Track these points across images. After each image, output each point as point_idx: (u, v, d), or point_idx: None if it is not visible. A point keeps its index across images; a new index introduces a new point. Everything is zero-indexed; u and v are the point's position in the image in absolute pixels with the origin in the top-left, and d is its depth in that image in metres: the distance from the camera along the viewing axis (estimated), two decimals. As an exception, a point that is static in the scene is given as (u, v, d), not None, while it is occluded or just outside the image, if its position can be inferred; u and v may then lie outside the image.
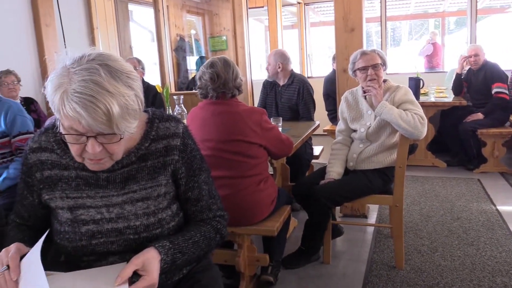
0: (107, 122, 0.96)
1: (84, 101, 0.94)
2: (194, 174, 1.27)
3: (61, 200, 1.18)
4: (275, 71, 3.59)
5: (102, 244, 1.17)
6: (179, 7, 6.59)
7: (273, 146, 2.20)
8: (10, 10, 3.79)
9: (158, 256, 1.10)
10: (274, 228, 2.16)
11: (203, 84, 2.15)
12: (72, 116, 0.96)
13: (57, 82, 0.98)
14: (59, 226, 1.20)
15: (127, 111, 1.00)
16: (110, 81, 0.98)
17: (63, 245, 1.18)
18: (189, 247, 1.20)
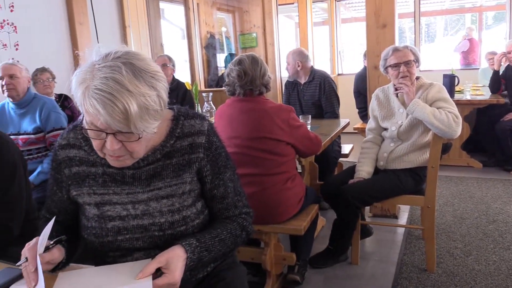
0: (124, 121, 0.96)
1: (103, 98, 0.94)
2: (219, 171, 1.26)
3: (88, 196, 1.20)
4: (295, 70, 3.57)
5: (128, 240, 1.18)
6: (209, 5, 6.62)
7: (301, 144, 2.18)
8: (46, 9, 3.90)
9: (184, 255, 1.09)
10: (301, 227, 2.13)
11: (231, 81, 2.15)
12: (92, 112, 0.96)
13: (81, 77, 0.99)
14: (87, 222, 1.21)
15: (146, 111, 0.99)
16: (132, 80, 0.97)
17: (90, 240, 1.20)
18: (216, 245, 1.19)
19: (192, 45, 5.82)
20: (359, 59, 6.29)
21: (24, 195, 1.74)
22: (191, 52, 5.85)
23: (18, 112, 2.82)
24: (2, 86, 2.75)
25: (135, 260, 1.16)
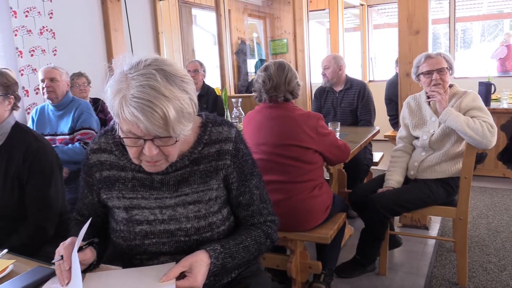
0: (164, 125, 0.98)
1: (142, 105, 0.96)
2: (246, 178, 1.27)
3: (118, 200, 1.23)
4: (336, 74, 3.54)
5: (154, 244, 1.20)
6: (240, 11, 6.68)
7: (329, 152, 2.16)
8: (83, 16, 4.03)
9: (208, 260, 1.11)
10: (328, 235, 2.11)
11: (257, 87, 2.17)
12: (131, 120, 0.98)
13: (116, 88, 1.01)
14: (115, 225, 1.24)
15: (182, 114, 1.02)
16: (166, 85, 1.00)
17: (119, 243, 1.23)
18: (240, 252, 1.20)
19: (223, 51, 5.88)
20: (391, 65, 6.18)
21: (60, 196, 1.80)
22: (222, 58, 5.91)
23: (56, 114, 2.94)
24: (43, 88, 2.89)
25: (161, 263, 1.18)
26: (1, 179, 1.71)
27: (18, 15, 3.39)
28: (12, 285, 1.10)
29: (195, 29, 6.26)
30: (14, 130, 1.79)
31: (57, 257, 1.08)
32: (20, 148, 1.73)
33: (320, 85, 3.77)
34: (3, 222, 1.72)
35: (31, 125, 2.98)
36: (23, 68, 3.45)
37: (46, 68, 2.99)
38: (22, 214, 1.72)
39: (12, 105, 1.80)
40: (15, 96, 1.80)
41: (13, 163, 1.71)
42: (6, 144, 1.75)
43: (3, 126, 1.75)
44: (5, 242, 1.59)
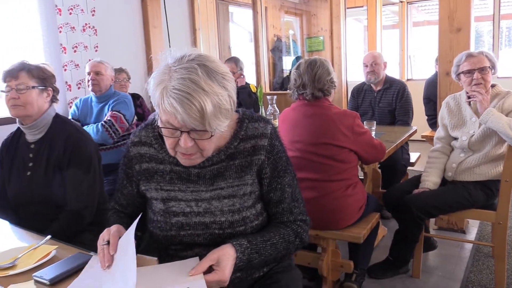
0: (200, 119, 1.01)
1: (181, 97, 1.00)
2: (278, 175, 1.27)
3: (156, 191, 1.26)
4: (382, 71, 3.49)
5: (189, 236, 1.23)
6: (277, 8, 6.67)
7: (364, 151, 2.14)
8: (124, 13, 4.14)
9: (234, 254, 1.12)
10: (361, 235, 2.09)
11: (291, 84, 2.18)
12: (170, 111, 1.02)
13: (158, 79, 1.06)
14: (153, 216, 1.28)
15: (219, 110, 1.04)
16: (206, 80, 1.02)
17: (155, 233, 1.27)
18: (267, 248, 1.20)
19: (259, 48, 5.90)
20: (430, 64, 6.02)
21: (97, 186, 1.87)
22: (258, 55, 5.93)
23: (98, 106, 3.06)
24: (88, 81, 3.01)
25: (196, 254, 1.21)
26: (43, 168, 1.81)
27: (62, 13, 3.52)
28: (55, 269, 1.16)
29: (232, 26, 6.30)
30: (55, 121, 1.88)
31: (104, 242, 1.13)
32: (60, 138, 1.82)
33: (358, 84, 3.72)
34: (45, 209, 1.81)
35: (75, 111, 3.11)
36: (67, 64, 3.58)
37: (93, 62, 3.12)
38: (62, 202, 1.81)
39: (51, 97, 1.88)
40: (53, 88, 1.88)
41: (54, 153, 1.81)
42: (47, 135, 1.85)
43: (44, 117, 1.84)
44: (47, 228, 1.67)
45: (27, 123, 1.83)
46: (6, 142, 1.95)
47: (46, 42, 3.52)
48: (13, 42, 3.34)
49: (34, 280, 1.13)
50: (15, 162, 1.87)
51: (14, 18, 3.35)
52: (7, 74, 1.77)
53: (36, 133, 1.85)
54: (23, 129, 1.86)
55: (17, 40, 3.37)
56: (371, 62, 3.50)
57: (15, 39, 3.36)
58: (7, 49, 3.30)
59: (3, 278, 1.16)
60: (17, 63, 1.80)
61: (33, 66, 1.82)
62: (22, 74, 1.77)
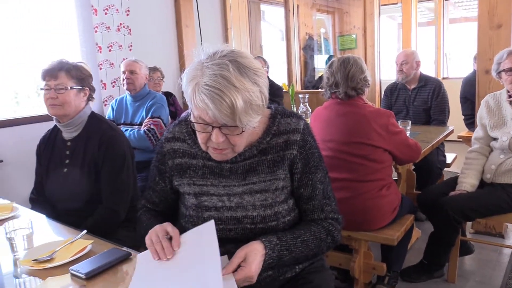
0: (231, 114, 1.02)
1: (212, 93, 1.01)
2: (310, 171, 1.26)
3: (189, 186, 1.28)
4: (412, 71, 3.40)
5: (221, 231, 1.23)
6: (309, 6, 6.62)
7: (399, 151, 2.09)
8: (157, 13, 4.21)
9: (262, 250, 1.12)
10: (395, 237, 2.05)
11: (323, 83, 2.16)
12: (201, 107, 1.03)
13: (191, 75, 1.07)
14: (185, 210, 1.30)
15: (250, 106, 1.04)
16: (238, 76, 1.03)
17: (187, 228, 1.27)
18: (297, 246, 1.19)
19: (291, 47, 5.87)
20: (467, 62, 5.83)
21: (131, 183, 1.91)
22: (289, 54, 5.90)
23: (133, 105, 3.12)
24: (123, 80, 3.08)
25: (227, 251, 1.19)
26: (79, 165, 1.86)
27: (98, 13, 3.60)
28: (90, 263, 1.18)
29: (263, 25, 6.30)
30: (91, 119, 1.93)
31: (162, 236, 1.15)
32: (95, 136, 1.86)
33: (391, 82, 3.64)
34: (81, 205, 1.86)
35: (111, 114, 3.18)
36: (102, 63, 3.67)
37: (127, 61, 3.19)
38: (98, 198, 1.85)
39: (88, 96, 1.93)
40: (89, 87, 1.93)
41: (89, 150, 1.85)
42: (83, 133, 1.90)
43: (80, 116, 1.89)
44: (82, 223, 1.72)
45: (64, 121, 1.88)
46: (44, 139, 2.01)
47: (82, 41, 3.61)
48: (51, 42, 3.45)
49: (71, 274, 1.16)
50: (52, 159, 1.93)
51: (52, 18, 3.46)
52: (47, 74, 1.82)
53: (72, 131, 1.90)
54: (59, 126, 1.91)
55: (55, 39, 3.48)
56: (401, 61, 3.43)
57: (53, 38, 3.47)
58: (45, 48, 3.41)
59: (42, 271, 1.20)
60: (56, 62, 1.85)
61: (71, 65, 1.87)
62: (61, 74, 1.82)
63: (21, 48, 3.28)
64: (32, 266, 1.21)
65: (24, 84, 3.49)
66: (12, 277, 1.23)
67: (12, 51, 3.23)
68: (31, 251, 1.28)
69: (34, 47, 3.35)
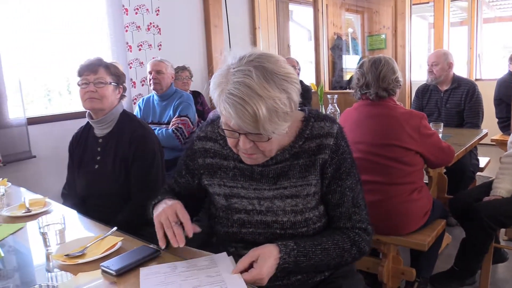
0: (253, 123, 1.00)
1: (235, 102, 0.99)
2: (340, 177, 1.22)
3: (219, 187, 1.27)
4: (444, 72, 3.31)
5: (251, 234, 1.23)
6: (338, 6, 6.55)
7: (431, 154, 2.03)
8: (186, 13, 4.24)
9: (277, 254, 1.09)
10: (426, 242, 1.99)
11: (353, 84, 2.13)
12: (225, 115, 1.03)
13: (218, 81, 1.06)
14: (215, 211, 1.29)
15: (276, 114, 1.01)
16: (262, 84, 1.00)
17: (216, 229, 1.28)
18: (317, 253, 1.15)
19: (319, 46, 5.82)
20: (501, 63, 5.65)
21: (160, 180, 1.92)
22: (317, 54, 5.85)
23: (160, 104, 3.15)
24: (150, 80, 3.11)
25: None
26: (111, 161, 1.88)
27: (129, 12, 3.66)
28: (121, 260, 1.19)
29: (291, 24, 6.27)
30: (122, 117, 1.96)
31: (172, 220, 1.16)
32: (127, 134, 1.89)
33: (423, 83, 3.56)
34: (111, 200, 1.89)
35: (138, 113, 3.22)
36: (132, 62, 3.73)
37: (153, 61, 3.22)
38: (127, 194, 1.87)
39: (121, 94, 1.96)
40: (123, 86, 1.97)
41: (120, 147, 1.88)
42: (114, 130, 1.93)
43: (113, 113, 1.92)
44: (112, 219, 1.73)
45: (98, 117, 1.91)
46: (76, 136, 2.05)
47: (113, 40, 3.68)
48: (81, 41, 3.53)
49: (102, 270, 1.17)
50: (84, 155, 1.97)
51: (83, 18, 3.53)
52: (86, 68, 1.85)
53: (104, 128, 1.93)
54: (92, 123, 1.95)
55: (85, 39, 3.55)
56: (432, 62, 3.34)
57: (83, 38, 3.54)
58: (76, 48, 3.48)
59: (73, 266, 1.21)
60: (95, 59, 1.89)
61: (109, 63, 1.91)
62: (101, 69, 1.86)
63: (52, 47, 3.36)
64: (64, 261, 1.22)
65: (56, 82, 3.58)
66: (44, 270, 1.25)
67: (43, 50, 3.32)
68: (63, 246, 1.30)
69: (65, 47, 3.43)
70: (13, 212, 1.69)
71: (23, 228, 1.55)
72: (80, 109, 3.44)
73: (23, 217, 1.65)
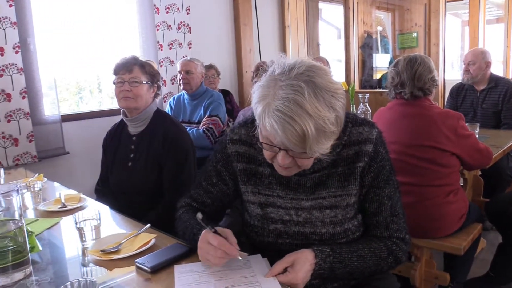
0: (300, 143, 0.95)
1: (283, 121, 0.93)
2: (378, 185, 1.17)
3: (253, 195, 1.23)
4: (481, 72, 3.21)
5: (288, 245, 1.19)
6: (368, 4, 6.46)
7: (468, 156, 1.97)
8: (216, 12, 4.26)
9: (312, 260, 1.07)
10: (461, 246, 1.94)
11: (387, 83, 2.09)
12: (269, 131, 0.97)
13: (262, 92, 1.00)
14: (249, 219, 1.26)
15: (323, 134, 0.96)
16: (312, 102, 0.94)
17: (251, 237, 1.24)
18: (353, 260, 1.12)
19: (349, 45, 5.75)
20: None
21: (193, 178, 1.93)
22: (348, 52, 5.78)
23: (191, 103, 3.17)
24: (179, 80, 3.14)
25: None
26: (144, 159, 1.90)
27: (160, 12, 3.70)
28: (155, 257, 1.20)
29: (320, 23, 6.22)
30: (156, 116, 1.98)
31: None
32: (160, 132, 1.90)
33: (457, 82, 3.46)
34: (143, 198, 1.91)
35: (169, 112, 3.26)
36: (162, 60, 3.77)
37: (183, 60, 3.24)
38: (160, 192, 1.89)
39: (155, 93, 1.98)
40: (157, 85, 1.98)
41: (153, 145, 1.89)
42: (148, 128, 1.95)
43: (147, 111, 1.94)
44: (144, 216, 1.75)
45: (132, 115, 1.93)
46: (110, 133, 2.08)
47: (144, 39, 3.73)
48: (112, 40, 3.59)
49: (136, 266, 1.18)
50: (118, 152, 2.00)
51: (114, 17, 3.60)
52: (122, 67, 1.88)
53: (138, 126, 1.96)
54: (126, 121, 1.97)
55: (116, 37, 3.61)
56: (468, 61, 3.25)
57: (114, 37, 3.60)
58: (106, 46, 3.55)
59: (108, 262, 1.23)
60: (130, 57, 1.91)
61: (144, 62, 1.93)
62: (136, 68, 1.88)
63: (84, 46, 3.44)
64: (100, 257, 1.24)
65: (87, 81, 3.66)
66: (79, 265, 1.27)
67: (76, 49, 3.39)
68: (99, 242, 1.32)
69: (96, 46, 3.50)
70: (49, 207, 1.73)
71: (58, 222, 1.59)
72: (111, 107, 3.52)
73: (58, 212, 1.69)
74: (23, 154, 2.92)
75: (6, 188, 1.14)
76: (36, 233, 1.43)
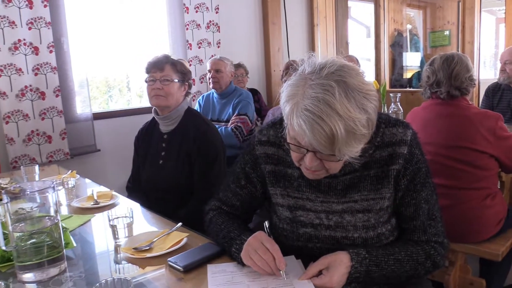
0: (329, 145, 0.92)
1: (311, 121, 0.91)
2: (415, 189, 1.13)
3: (282, 197, 1.20)
4: None
5: (318, 249, 1.16)
6: (399, 1, 6.33)
7: (507, 158, 1.89)
8: (245, 11, 4.26)
9: (348, 262, 1.04)
10: (499, 252, 1.87)
11: (423, 82, 2.03)
12: (297, 131, 0.95)
13: (292, 91, 0.97)
14: (278, 222, 1.23)
15: (353, 136, 0.93)
16: (343, 102, 0.91)
17: (280, 240, 1.20)
18: (389, 263, 1.08)
19: (380, 43, 5.64)
20: None
21: (222, 176, 1.92)
22: (378, 51, 5.68)
23: (220, 102, 3.18)
24: (209, 78, 3.15)
25: None
26: (175, 157, 1.91)
27: (189, 11, 3.72)
28: (187, 256, 1.19)
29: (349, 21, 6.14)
30: (187, 114, 1.98)
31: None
32: (191, 130, 1.91)
33: (493, 82, 3.35)
34: (173, 196, 1.91)
35: (198, 110, 3.27)
36: (191, 59, 3.79)
37: (213, 59, 3.25)
38: (190, 190, 1.89)
39: (186, 91, 1.98)
40: (188, 83, 1.98)
41: (185, 144, 1.90)
42: (179, 127, 1.96)
43: (178, 110, 1.95)
44: (174, 214, 1.75)
45: (163, 113, 1.94)
46: (142, 130, 2.10)
47: (173, 38, 3.76)
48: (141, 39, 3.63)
49: (169, 265, 1.18)
50: (149, 150, 2.01)
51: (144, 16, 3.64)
52: (153, 66, 1.89)
53: (169, 124, 1.97)
54: (157, 119, 1.99)
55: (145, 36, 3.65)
56: (505, 60, 3.13)
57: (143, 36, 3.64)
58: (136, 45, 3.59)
59: (140, 260, 1.23)
60: (162, 56, 1.92)
61: (176, 60, 1.95)
62: (167, 66, 1.89)
63: (114, 45, 3.49)
64: (132, 254, 1.24)
65: (116, 80, 3.72)
66: (111, 262, 1.28)
67: (106, 48, 3.45)
68: (131, 239, 1.33)
69: (126, 45, 3.55)
70: (82, 204, 1.75)
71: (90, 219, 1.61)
72: (140, 105, 3.57)
73: (91, 208, 1.71)
74: (56, 151, 2.99)
75: (42, 185, 1.16)
76: (70, 229, 1.45)
